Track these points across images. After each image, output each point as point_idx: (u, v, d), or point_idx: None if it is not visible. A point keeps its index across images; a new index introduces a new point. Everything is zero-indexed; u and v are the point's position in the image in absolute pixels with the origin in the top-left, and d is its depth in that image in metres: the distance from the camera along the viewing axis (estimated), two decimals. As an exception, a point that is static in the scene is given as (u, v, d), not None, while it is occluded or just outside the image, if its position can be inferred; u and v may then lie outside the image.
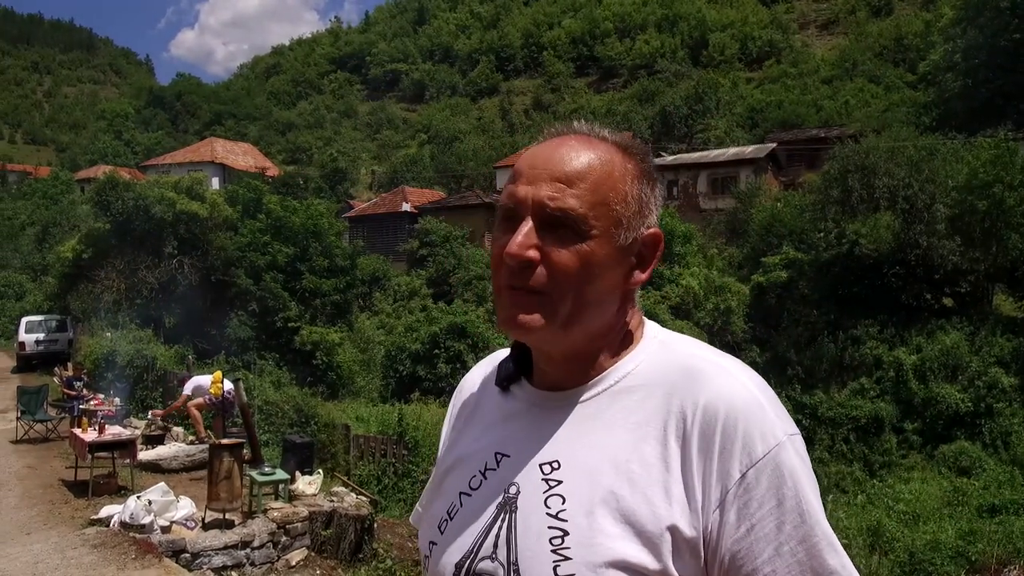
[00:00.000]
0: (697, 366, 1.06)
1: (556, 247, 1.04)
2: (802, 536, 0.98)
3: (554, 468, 1.06)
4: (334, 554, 8.58)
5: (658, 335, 1.14)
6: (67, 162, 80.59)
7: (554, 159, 1.08)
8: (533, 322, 1.05)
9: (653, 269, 1.13)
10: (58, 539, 7.49)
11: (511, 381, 1.20)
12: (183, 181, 26.72)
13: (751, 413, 1.01)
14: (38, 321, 25.04)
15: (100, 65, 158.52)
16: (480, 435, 1.19)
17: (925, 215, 24.72)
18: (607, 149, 1.10)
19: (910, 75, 58.11)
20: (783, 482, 0.98)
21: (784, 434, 1.01)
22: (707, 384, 1.03)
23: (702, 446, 1.00)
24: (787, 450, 1.00)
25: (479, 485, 1.13)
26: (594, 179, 1.06)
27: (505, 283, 1.07)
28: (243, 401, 10.17)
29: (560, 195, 1.04)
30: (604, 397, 1.09)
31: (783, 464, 0.99)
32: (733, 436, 0.99)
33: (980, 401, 20.68)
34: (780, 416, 1.03)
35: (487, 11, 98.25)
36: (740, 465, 0.99)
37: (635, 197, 1.09)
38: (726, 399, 1.01)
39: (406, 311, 30.95)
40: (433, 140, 70.96)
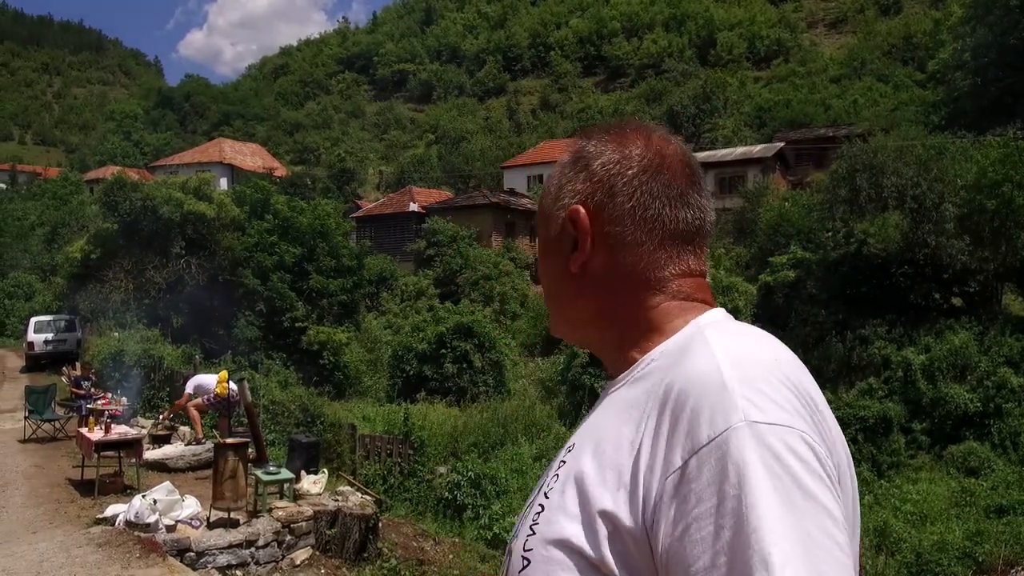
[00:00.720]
0: (690, 345, 0.97)
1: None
2: (733, 549, 0.80)
3: (569, 450, 1.04)
4: (339, 553, 8.59)
5: (702, 320, 1.04)
6: (76, 163, 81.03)
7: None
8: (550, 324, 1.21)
9: (586, 246, 1.08)
10: (64, 538, 7.52)
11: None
12: (191, 181, 26.80)
13: (705, 391, 0.87)
14: (47, 321, 25.15)
15: (109, 66, 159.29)
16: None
17: (934, 214, 24.58)
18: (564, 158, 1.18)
19: (919, 74, 57.88)
20: (725, 477, 0.82)
21: (743, 419, 0.84)
22: (684, 358, 0.95)
23: (657, 428, 0.91)
24: (741, 438, 0.83)
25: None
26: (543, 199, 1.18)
27: None
28: (248, 401, 10.18)
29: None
30: (625, 384, 1.04)
31: (730, 454, 0.83)
32: (680, 417, 0.88)
33: (989, 401, 20.54)
34: (753, 400, 0.86)
35: (494, 11, 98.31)
36: (683, 451, 0.86)
37: (555, 187, 1.13)
38: (684, 376, 0.91)
39: (413, 311, 30.99)
40: (440, 140, 71.08)
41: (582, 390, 21.70)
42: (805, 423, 0.87)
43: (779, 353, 0.95)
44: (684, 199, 1.08)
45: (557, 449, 1.14)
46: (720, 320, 1.04)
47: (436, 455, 15.97)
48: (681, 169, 1.10)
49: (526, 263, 37.16)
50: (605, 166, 1.10)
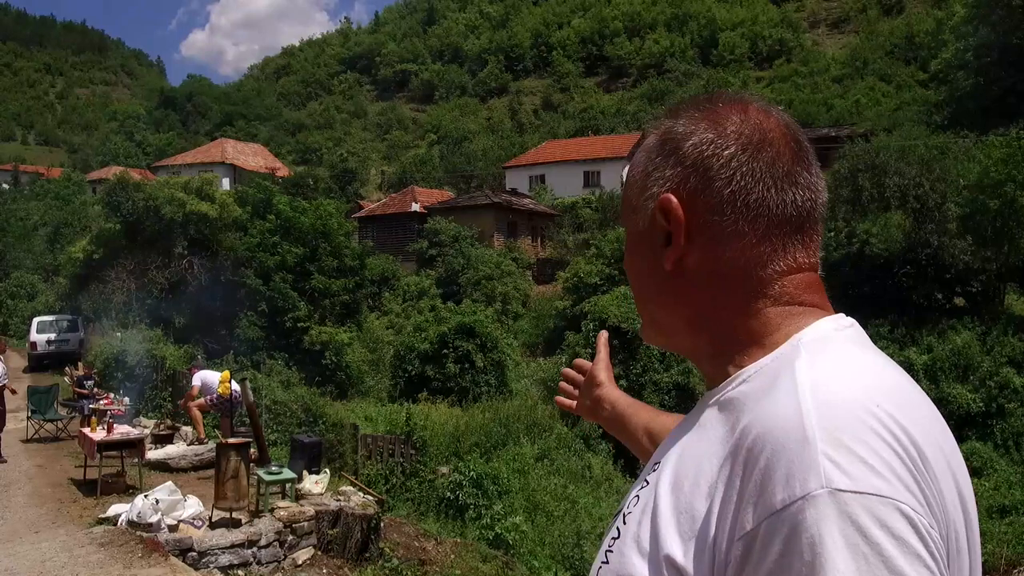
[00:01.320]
0: (780, 373, 0.84)
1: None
2: None
3: (654, 469, 0.94)
4: (340, 553, 8.60)
5: (805, 336, 0.89)
6: (79, 163, 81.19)
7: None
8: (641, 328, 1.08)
9: (680, 240, 0.93)
10: (66, 537, 7.53)
11: None
12: (193, 182, 26.82)
13: (784, 445, 0.74)
14: (50, 321, 25.19)
15: (112, 67, 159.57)
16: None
17: (936, 214, 24.58)
18: (647, 142, 1.02)
19: (921, 73, 57.84)
20: (797, 552, 0.70)
21: (822, 485, 0.70)
22: (766, 398, 0.81)
23: (732, 478, 0.78)
24: (819, 509, 0.70)
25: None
26: (626, 189, 1.03)
27: None
28: (249, 401, 10.19)
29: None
30: (716, 403, 0.91)
31: (805, 527, 0.70)
32: (752, 471, 0.76)
33: (991, 401, 20.55)
34: (838, 460, 0.72)
35: (496, 11, 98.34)
36: (754, 513, 0.74)
37: (640, 175, 0.98)
38: (763, 421, 0.78)
39: (415, 311, 30.99)
40: (442, 140, 71.13)
41: (584, 390, 21.68)
42: (904, 488, 0.72)
43: (885, 388, 0.80)
44: (792, 178, 0.93)
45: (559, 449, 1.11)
46: (825, 337, 0.88)
47: (438, 455, 15.98)
48: (786, 144, 0.95)
49: (528, 263, 37.18)
50: (698, 147, 0.94)
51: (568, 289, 28.86)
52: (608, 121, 64.51)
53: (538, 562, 11.74)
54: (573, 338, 23.84)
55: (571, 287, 28.56)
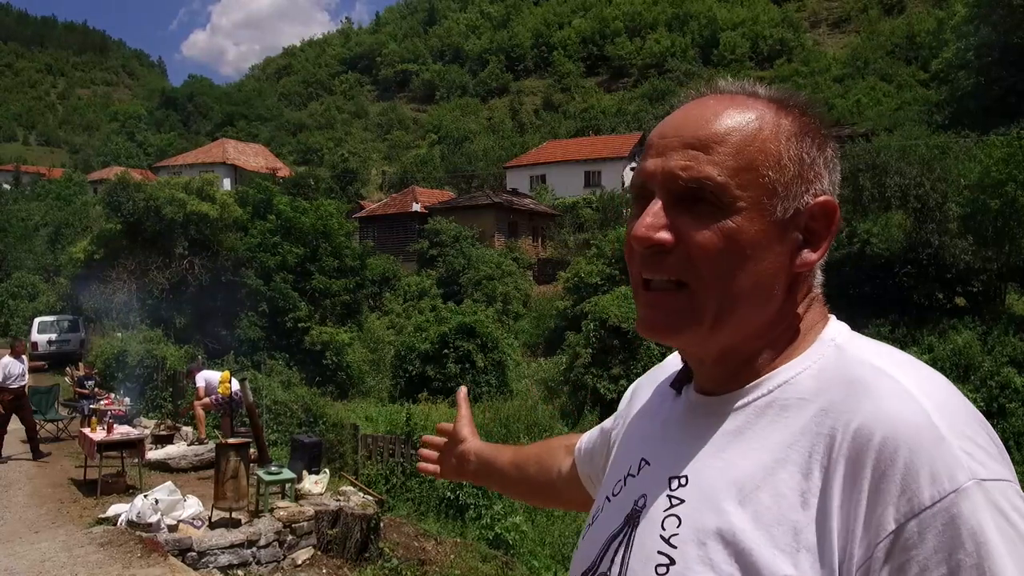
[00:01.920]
0: (862, 376, 0.82)
1: (694, 226, 0.86)
2: None
3: (681, 484, 0.90)
4: (340, 553, 8.60)
5: (836, 338, 0.90)
6: (80, 163, 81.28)
7: (688, 123, 0.90)
8: (671, 327, 0.89)
9: (828, 247, 0.91)
10: (66, 537, 7.53)
11: (683, 382, 1.03)
12: (194, 182, 26.85)
13: (920, 443, 0.75)
14: (50, 321, 25.22)
15: (113, 67, 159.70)
16: (639, 432, 1.07)
17: (937, 214, 24.57)
18: (754, 105, 0.91)
19: (922, 73, 57.84)
20: (959, 544, 0.71)
21: (970, 477, 0.73)
22: (868, 399, 0.80)
23: (848, 482, 0.77)
24: (973, 499, 0.72)
25: (619, 491, 1.00)
26: (737, 140, 0.87)
27: (638, 277, 0.92)
28: (249, 401, 10.19)
29: (694, 163, 0.87)
30: (753, 408, 0.89)
31: (963, 519, 0.71)
32: (889, 472, 0.75)
33: (992, 401, 20.51)
34: (970, 451, 0.75)
35: (497, 11, 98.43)
36: (897, 513, 0.73)
37: (793, 158, 0.89)
38: (886, 420, 0.77)
39: (416, 311, 31.00)
40: (443, 140, 71.17)
41: (584, 390, 21.70)
42: (1012, 473, 0.77)
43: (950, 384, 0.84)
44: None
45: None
46: (852, 335, 0.92)
47: (438, 455, 15.94)
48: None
49: (529, 263, 37.17)
50: (835, 152, 0.93)
51: (569, 289, 28.87)
52: (609, 121, 64.54)
53: (538, 562, 11.73)
54: (574, 338, 23.83)
55: (572, 287, 28.56)
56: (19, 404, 11.61)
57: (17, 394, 11.59)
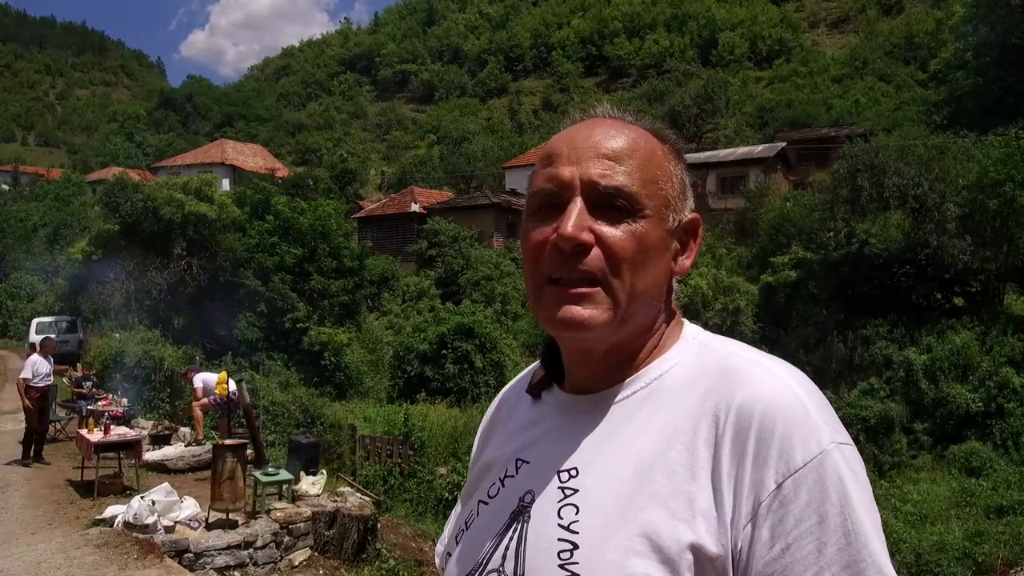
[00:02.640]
0: (735, 365, 0.96)
1: (610, 229, 0.95)
2: (847, 561, 0.84)
3: (572, 475, 0.97)
4: (337, 554, 8.59)
5: (697, 336, 1.05)
6: (79, 164, 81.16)
7: (596, 137, 1.00)
8: (591, 317, 0.95)
9: (695, 258, 1.05)
10: (62, 539, 7.53)
11: (542, 388, 1.12)
12: (192, 183, 26.83)
13: (792, 415, 0.90)
14: (49, 322, 25.21)
15: (112, 67, 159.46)
16: (504, 442, 1.13)
17: (935, 214, 24.57)
18: (641, 130, 1.04)
19: (921, 73, 57.83)
20: (826, 496, 0.86)
21: (831, 441, 0.89)
22: (744, 383, 0.93)
23: (734, 451, 0.90)
24: (833, 459, 0.88)
25: (496, 493, 1.06)
26: (641, 156, 0.99)
27: (549, 276, 0.97)
28: (246, 402, 10.20)
29: (611, 172, 0.97)
30: (635, 400, 1.00)
31: (827, 474, 0.87)
32: (769, 441, 0.88)
33: (991, 401, 20.53)
34: (828, 421, 0.91)
35: (496, 11, 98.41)
36: (776, 474, 0.87)
37: (678, 178, 1.03)
38: (763, 398, 0.91)
39: (414, 311, 30.98)
40: (442, 141, 71.10)
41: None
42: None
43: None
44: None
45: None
46: (717, 336, 1.06)
47: (436, 456, 15.97)
48: None
49: (527, 264, 37.09)
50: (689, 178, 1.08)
51: (567, 289, 28.82)
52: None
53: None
54: (572, 338, 23.80)
55: (570, 287, 28.52)
56: (41, 405, 11.55)
57: (42, 393, 11.53)
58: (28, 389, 11.22)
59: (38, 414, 11.39)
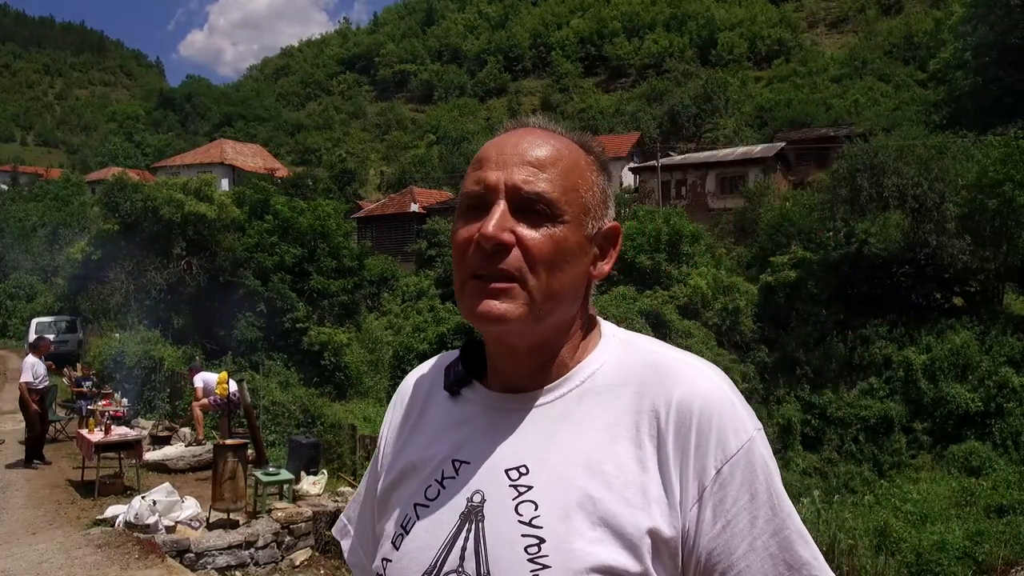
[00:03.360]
0: (664, 363, 1.06)
1: (530, 231, 1.02)
2: (774, 529, 0.98)
3: (522, 473, 1.02)
4: (338, 554, 8.59)
5: (616, 334, 1.13)
6: (78, 164, 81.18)
7: (523, 146, 1.07)
8: (508, 312, 1.01)
9: (614, 262, 1.12)
10: (63, 539, 7.53)
11: (462, 385, 1.15)
12: (191, 183, 26.80)
13: (724, 409, 1.01)
14: (48, 322, 25.19)
15: (111, 67, 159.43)
16: (430, 442, 1.13)
17: (935, 214, 24.58)
18: (567, 141, 1.12)
19: (920, 73, 57.82)
20: (755, 476, 0.99)
21: (754, 428, 1.02)
22: (678, 381, 1.03)
23: (678, 444, 0.99)
24: (757, 444, 1.01)
25: (436, 495, 1.06)
26: (564, 166, 1.06)
27: (472, 272, 1.03)
28: (247, 402, 10.20)
29: (534, 179, 1.03)
30: (571, 398, 1.06)
31: (755, 458, 1.00)
32: (708, 432, 0.99)
33: (990, 401, 20.55)
34: (748, 411, 1.04)
35: (495, 11, 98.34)
36: (715, 461, 0.98)
37: (599, 187, 1.10)
38: (700, 395, 1.01)
39: (414, 311, 30.99)
40: (441, 140, 71.05)
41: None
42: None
43: None
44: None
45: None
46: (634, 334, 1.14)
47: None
48: None
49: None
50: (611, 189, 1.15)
51: (567, 289, 28.83)
52: (607, 121, 64.48)
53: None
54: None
55: (570, 287, 28.54)
56: (40, 407, 11.43)
57: (42, 394, 11.44)
58: (30, 392, 11.05)
59: (39, 415, 11.26)
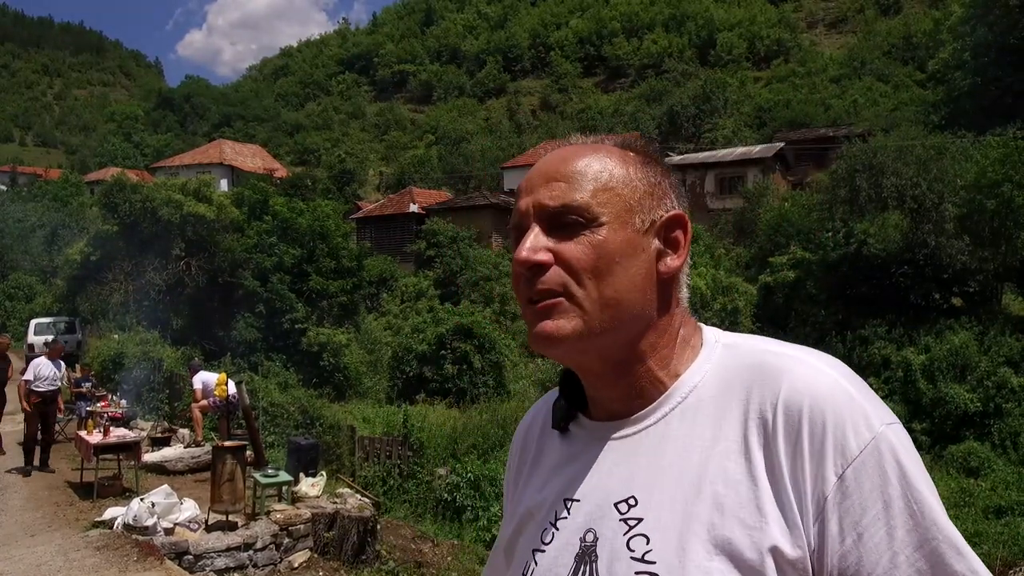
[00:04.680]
0: (767, 360, 0.96)
1: (567, 243, 0.97)
2: (919, 541, 0.86)
3: (631, 506, 0.95)
4: (337, 556, 8.60)
5: (720, 338, 1.04)
6: (77, 164, 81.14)
7: (549, 165, 1.03)
8: (559, 328, 0.96)
9: (687, 253, 1.03)
10: (62, 541, 7.52)
11: (568, 420, 1.09)
12: (191, 183, 26.81)
13: (839, 404, 0.89)
14: (47, 323, 25.17)
15: (110, 67, 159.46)
16: (544, 483, 1.09)
17: (933, 214, 24.58)
18: (603, 146, 1.05)
19: (919, 73, 57.89)
20: (887, 480, 0.87)
21: (881, 423, 0.89)
22: (783, 377, 0.92)
23: (788, 450, 0.89)
24: (887, 441, 0.88)
25: (551, 538, 1.01)
26: (593, 171, 1.00)
27: (525, 299, 1.00)
28: (245, 403, 10.19)
29: (559, 191, 0.99)
30: (674, 416, 0.98)
31: (884, 458, 0.87)
32: (822, 433, 0.88)
33: (989, 401, 20.53)
34: (873, 405, 0.91)
35: (494, 12, 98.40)
36: (835, 466, 0.87)
37: (640, 179, 1.02)
38: (808, 391, 0.90)
39: (413, 312, 30.96)
40: (441, 141, 71.06)
41: (581, 391, 21.66)
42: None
43: None
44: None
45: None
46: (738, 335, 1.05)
47: (435, 457, 15.95)
48: None
49: (526, 264, 37.09)
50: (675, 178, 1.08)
51: (566, 290, 28.82)
52: (606, 121, 64.44)
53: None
54: (571, 339, 23.79)
55: (569, 288, 28.53)
56: (43, 410, 11.09)
57: (45, 398, 11.10)
58: (29, 393, 10.90)
59: (40, 419, 11.01)
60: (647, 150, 1.07)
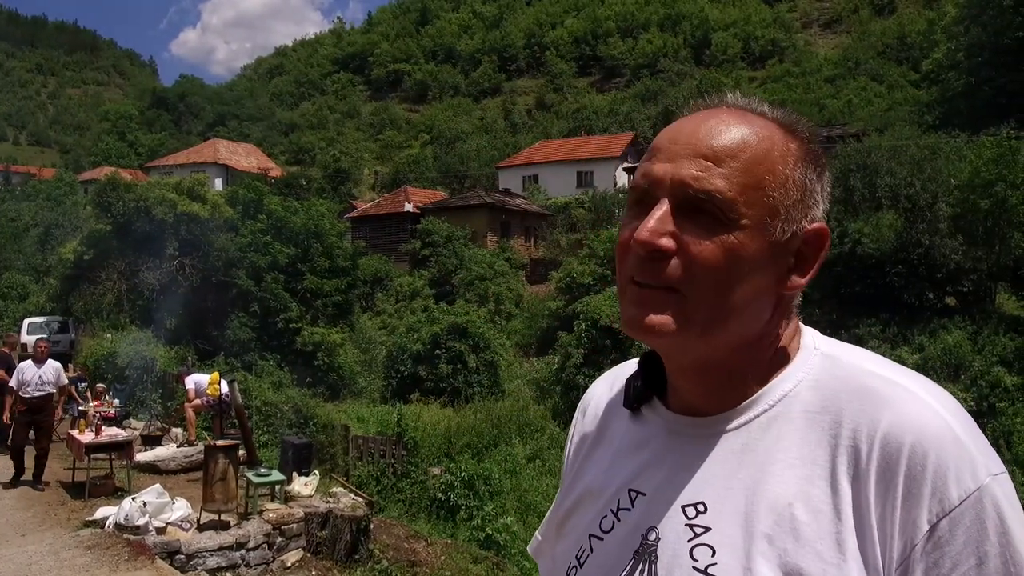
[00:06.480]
0: (873, 386, 0.87)
1: (696, 236, 0.86)
2: None
3: (699, 512, 0.89)
4: (330, 555, 8.58)
5: (820, 345, 0.95)
6: (71, 163, 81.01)
7: (700, 133, 0.89)
8: (663, 325, 0.87)
9: (815, 273, 0.93)
10: (53, 540, 7.48)
11: (642, 402, 1.02)
12: (184, 182, 26.74)
13: (944, 447, 0.81)
14: (40, 322, 25.08)
15: (104, 67, 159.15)
16: (609, 466, 1.03)
17: (927, 214, 24.65)
18: (765, 125, 0.92)
19: (913, 74, 58.10)
20: (985, 535, 0.78)
21: (987, 474, 0.81)
22: (887, 409, 0.84)
23: (881, 489, 0.82)
24: (992, 495, 0.80)
25: (611, 527, 0.97)
26: (748, 158, 0.88)
27: (630, 277, 0.89)
28: (238, 402, 10.16)
29: (705, 174, 0.86)
30: (757, 425, 0.91)
31: (985, 512, 0.79)
32: (921, 476, 0.80)
33: (983, 400, 20.58)
34: (982, 450, 0.82)
35: (490, 11, 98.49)
36: (929, 513, 0.79)
37: (797, 183, 0.90)
38: (913, 428, 0.82)
39: (408, 311, 30.95)
40: (435, 140, 71.10)
41: (576, 390, 21.69)
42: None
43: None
44: None
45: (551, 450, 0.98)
46: (841, 344, 0.96)
47: (429, 456, 15.95)
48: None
49: (521, 263, 37.15)
50: (828, 182, 0.95)
51: (561, 289, 28.85)
52: (601, 121, 64.54)
53: (529, 563, 11.73)
54: (566, 338, 23.83)
55: (564, 287, 28.55)
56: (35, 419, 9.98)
57: (31, 407, 9.93)
58: (17, 400, 10.00)
59: (29, 429, 9.98)
60: (812, 141, 0.94)
